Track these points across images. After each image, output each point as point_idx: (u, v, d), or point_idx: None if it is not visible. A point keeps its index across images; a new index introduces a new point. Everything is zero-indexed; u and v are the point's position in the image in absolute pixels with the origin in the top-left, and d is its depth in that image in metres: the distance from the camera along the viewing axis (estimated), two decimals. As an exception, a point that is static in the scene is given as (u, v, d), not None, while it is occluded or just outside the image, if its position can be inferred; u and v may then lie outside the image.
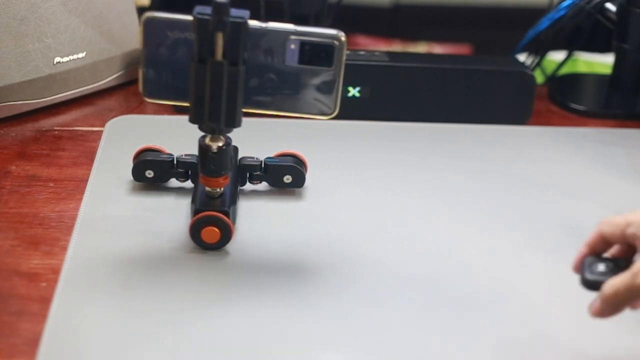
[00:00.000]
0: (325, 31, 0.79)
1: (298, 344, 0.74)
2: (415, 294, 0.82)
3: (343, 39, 0.80)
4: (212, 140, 0.82)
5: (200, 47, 0.77)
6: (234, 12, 0.76)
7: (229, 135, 0.84)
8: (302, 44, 0.79)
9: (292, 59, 0.79)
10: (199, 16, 0.75)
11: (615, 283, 0.67)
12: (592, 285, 0.71)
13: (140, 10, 1.28)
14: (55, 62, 1.11)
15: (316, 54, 0.79)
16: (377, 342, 0.75)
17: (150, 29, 0.78)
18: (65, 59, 1.12)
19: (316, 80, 0.80)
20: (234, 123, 0.80)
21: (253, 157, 0.92)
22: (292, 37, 0.79)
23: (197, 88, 0.78)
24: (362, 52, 1.17)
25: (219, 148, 0.82)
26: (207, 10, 0.75)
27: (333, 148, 1.06)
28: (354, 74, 1.14)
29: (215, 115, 0.79)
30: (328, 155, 1.03)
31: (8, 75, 1.07)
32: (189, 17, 0.76)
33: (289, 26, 0.79)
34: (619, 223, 0.70)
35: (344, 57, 0.80)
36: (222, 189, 0.86)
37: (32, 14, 1.08)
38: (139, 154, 0.94)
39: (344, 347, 0.74)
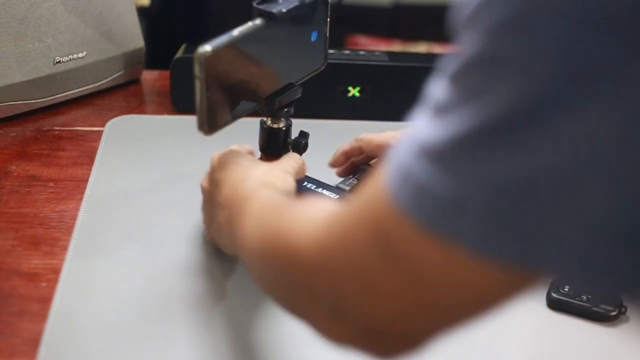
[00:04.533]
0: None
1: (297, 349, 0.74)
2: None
3: None
4: (273, 122, 0.85)
5: None
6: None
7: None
8: None
9: None
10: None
11: None
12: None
13: (140, 10, 1.28)
14: (55, 62, 1.11)
15: None
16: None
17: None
18: (65, 59, 1.12)
19: None
20: None
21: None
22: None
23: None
24: (362, 52, 1.17)
25: (279, 129, 0.85)
26: None
27: (333, 147, 1.06)
28: (354, 74, 1.14)
29: None
30: (329, 153, 1.03)
31: (8, 75, 1.07)
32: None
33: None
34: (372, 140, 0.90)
35: None
36: None
37: (32, 14, 1.08)
38: None
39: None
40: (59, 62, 1.12)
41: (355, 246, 0.49)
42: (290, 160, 0.80)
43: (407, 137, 0.47)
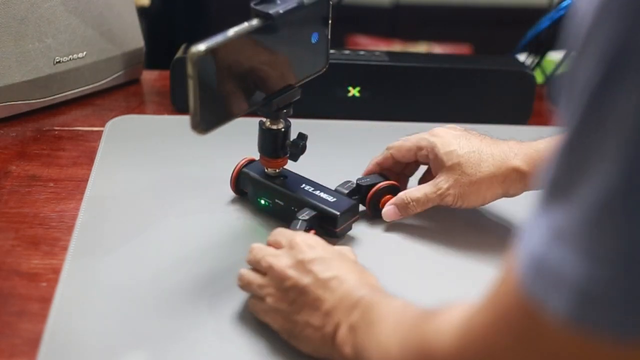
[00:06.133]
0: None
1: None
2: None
3: None
4: (271, 123, 0.86)
5: None
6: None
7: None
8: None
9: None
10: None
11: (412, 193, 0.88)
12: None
13: (140, 10, 1.28)
14: (55, 62, 1.12)
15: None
16: None
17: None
18: (65, 59, 1.13)
19: None
20: None
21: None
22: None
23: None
24: (362, 52, 1.17)
25: (278, 130, 0.86)
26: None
27: (333, 147, 1.06)
28: (354, 74, 1.14)
29: None
30: (329, 154, 1.03)
31: (8, 75, 1.07)
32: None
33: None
34: (410, 148, 0.90)
35: None
36: (280, 169, 0.90)
37: (32, 14, 1.08)
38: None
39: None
40: (59, 62, 1.12)
41: (498, 350, 0.49)
42: (349, 252, 0.76)
43: (534, 225, 0.46)
